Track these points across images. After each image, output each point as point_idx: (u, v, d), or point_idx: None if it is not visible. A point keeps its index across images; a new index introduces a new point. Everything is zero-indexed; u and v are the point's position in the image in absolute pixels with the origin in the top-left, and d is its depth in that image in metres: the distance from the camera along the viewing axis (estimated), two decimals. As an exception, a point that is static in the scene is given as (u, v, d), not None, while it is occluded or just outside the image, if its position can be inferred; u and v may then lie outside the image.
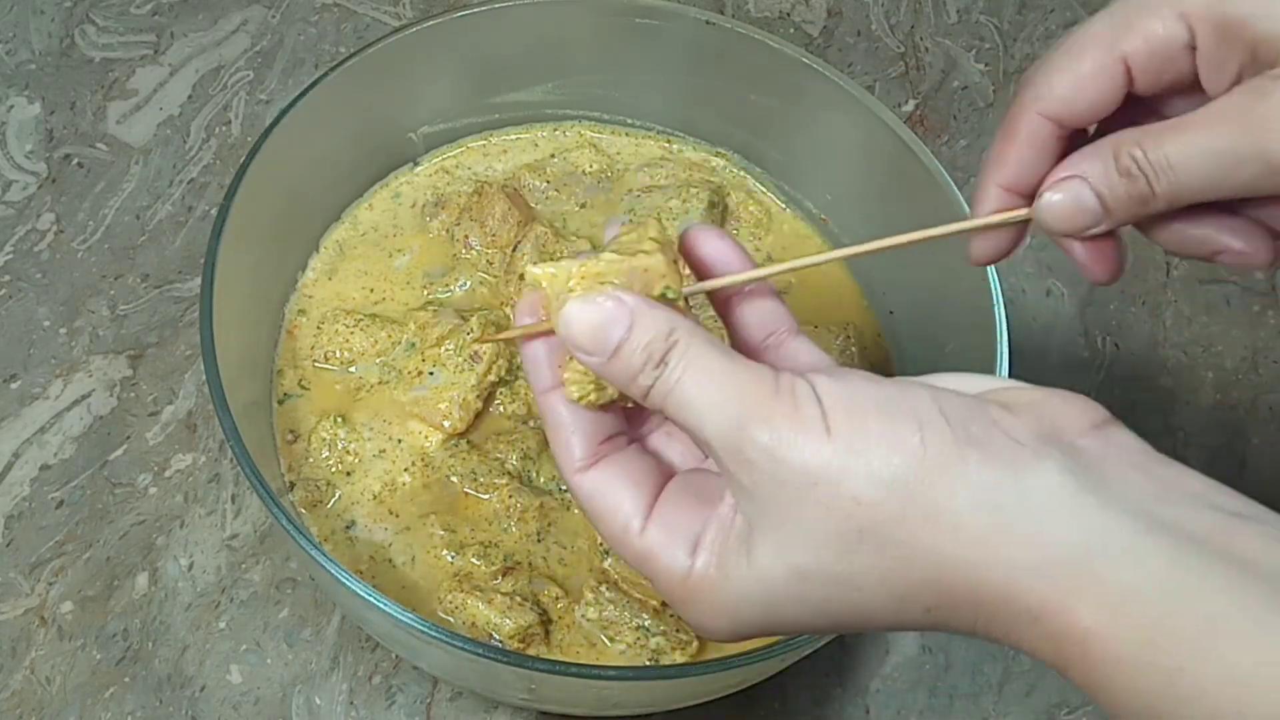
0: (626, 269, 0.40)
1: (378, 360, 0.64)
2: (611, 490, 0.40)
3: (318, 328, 0.65)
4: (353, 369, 0.64)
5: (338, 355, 0.64)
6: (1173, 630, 0.32)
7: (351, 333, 0.64)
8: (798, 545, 0.36)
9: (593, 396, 0.40)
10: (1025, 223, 0.45)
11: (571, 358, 0.40)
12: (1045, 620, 0.34)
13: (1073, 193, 0.43)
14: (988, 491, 0.35)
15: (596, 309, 0.39)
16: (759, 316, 0.44)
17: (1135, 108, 0.43)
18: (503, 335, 0.60)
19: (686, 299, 0.41)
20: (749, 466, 0.36)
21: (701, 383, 0.37)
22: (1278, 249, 0.44)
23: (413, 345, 0.64)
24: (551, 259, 0.68)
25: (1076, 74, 0.43)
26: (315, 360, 0.64)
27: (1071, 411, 0.38)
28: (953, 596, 0.35)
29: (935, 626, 0.37)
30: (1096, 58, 0.42)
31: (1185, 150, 0.41)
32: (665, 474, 0.41)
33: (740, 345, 0.44)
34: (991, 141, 0.45)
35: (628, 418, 0.43)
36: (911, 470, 0.35)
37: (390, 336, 0.64)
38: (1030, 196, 0.45)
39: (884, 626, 0.38)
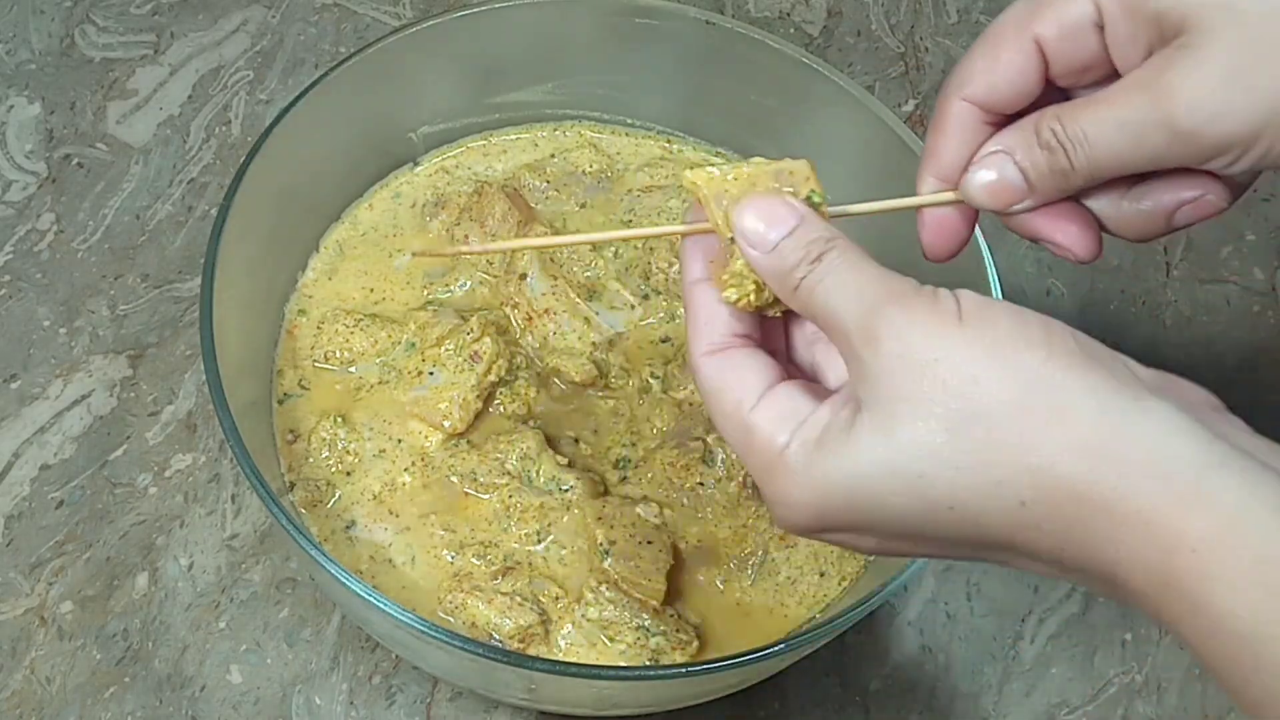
0: (774, 171, 0.43)
1: (378, 360, 0.64)
2: (733, 371, 0.41)
3: (318, 327, 0.65)
4: (353, 369, 0.64)
5: (338, 355, 0.64)
6: None
7: (351, 333, 0.64)
8: (906, 416, 0.36)
9: (752, 297, 0.42)
10: (973, 215, 0.47)
11: (732, 258, 0.42)
12: (1156, 525, 0.33)
13: (996, 167, 0.44)
14: (1106, 401, 0.35)
15: (771, 205, 0.41)
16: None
17: (1058, 98, 0.45)
18: (655, 231, 0.63)
19: (826, 207, 0.43)
20: (876, 344, 0.37)
21: (849, 275, 0.39)
22: (1100, 244, 0.46)
23: (413, 345, 0.64)
24: (552, 259, 0.68)
25: (994, 58, 0.44)
26: (315, 360, 0.64)
27: (1195, 391, 0.38)
28: (1055, 491, 0.35)
29: (1021, 530, 0.36)
30: (1011, 41, 0.44)
31: (1099, 122, 0.42)
32: (787, 376, 0.42)
33: None
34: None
35: (766, 340, 0.44)
36: (1035, 365, 0.36)
37: (390, 336, 0.64)
38: None
39: (967, 521, 0.37)
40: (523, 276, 0.67)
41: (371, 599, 0.49)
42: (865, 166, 0.69)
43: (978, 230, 0.61)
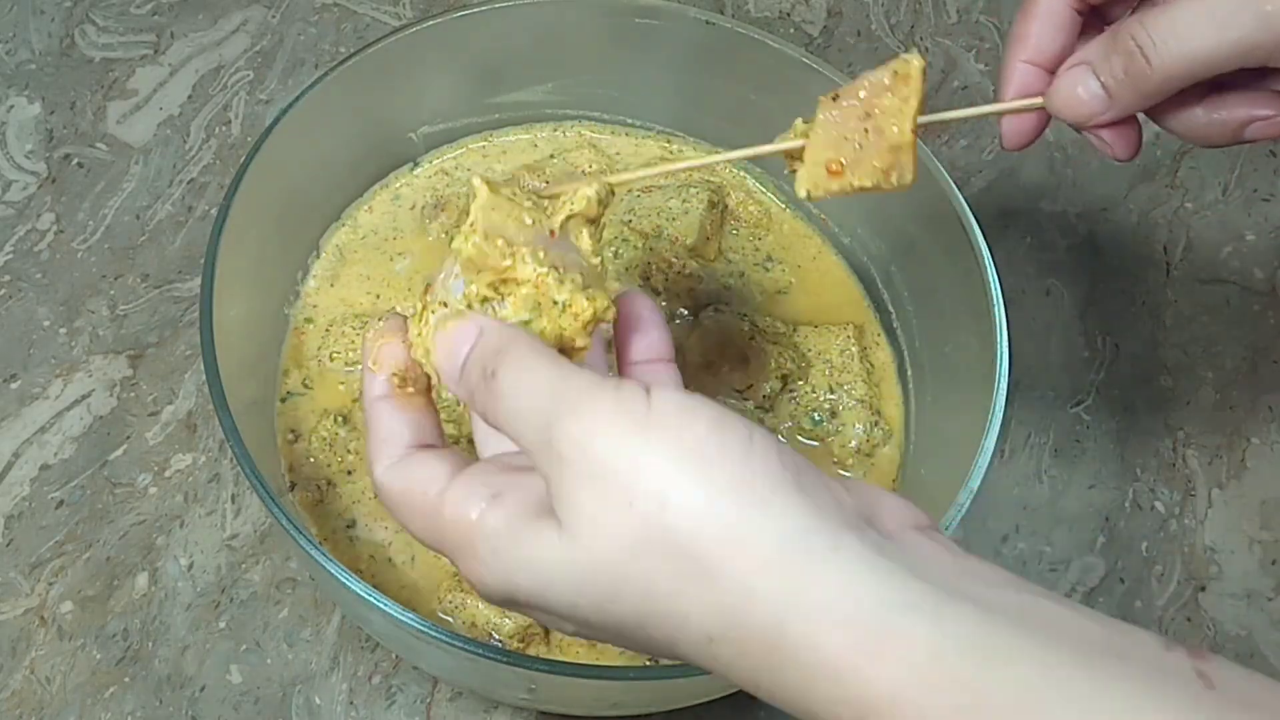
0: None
1: None
2: (418, 469, 0.40)
3: (326, 330, 0.65)
4: (358, 367, 0.64)
5: (343, 355, 0.64)
6: (987, 696, 0.30)
7: (358, 334, 0.64)
8: (593, 539, 0.34)
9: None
10: (1047, 116, 0.48)
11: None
12: (847, 679, 0.31)
13: (1079, 82, 0.46)
14: (800, 535, 0.33)
15: (450, 333, 0.40)
16: (645, 342, 0.44)
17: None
18: (737, 155, 0.58)
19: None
20: (558, 460, 0.35)
21: (524, 384, 0.37)
22: (1139, 145, 0.47)
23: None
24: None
25: None
26: (320, 360, 0.64)
27: (898, 509, 0.37)
28: (742, 631, 0.33)
29: (713, 662, 0.34)
30: None
31: (1179, 17, 0.42)
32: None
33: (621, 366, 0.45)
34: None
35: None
36: (731, 488, 0.33)
37: None
38: (1053, 70, 0.47)
39: (660, 642, 0.35)
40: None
41: (371, 599, 0.49)
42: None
43: (978, 231, 0.61)
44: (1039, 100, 0.48)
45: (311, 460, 0.61)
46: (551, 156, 0.74)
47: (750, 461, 0.33)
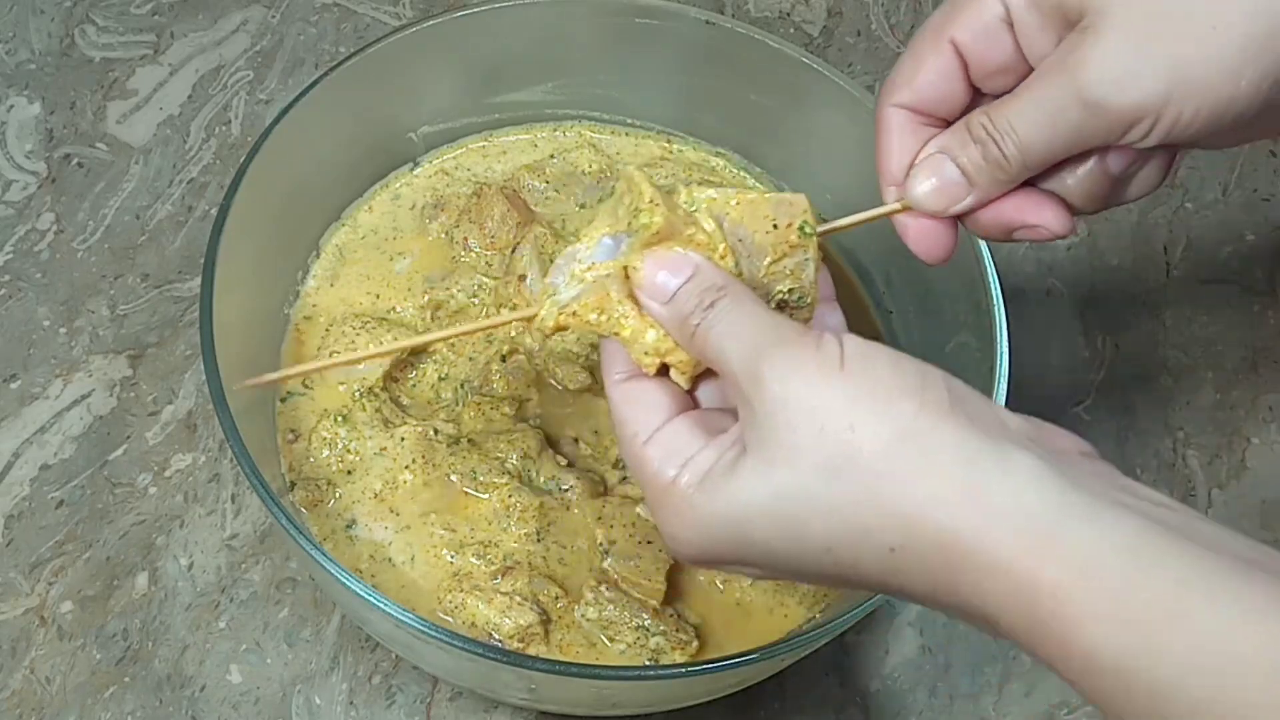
0: (774, 201, 0.45)
1: (382, 362, 0.64)
2: (636, 400, 0.43)
3: (326, 330, 0.65)
4: (359, 368, 0.64)
5: (342, 355, 0.64)
6: (1143, 591, 0.33)
7: (358, 334, 0.64)
8: (785, 462, 0.38)
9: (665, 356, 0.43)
10: (952, 219, 0.48)
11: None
12: (1016, 573, 0.35)
13: (935, 169, 0.47)
14: (972, 452, 0.36)
15: (668, 257, 0.43)
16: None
17: (988, 101, 0.47)
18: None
19: (818, 237, 0.46)
20: (760, 388, 0.38)
21: (739, 322, 0.41)
22: (1074, 219, 0.48)
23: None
24: (551, 260, 0.68)
25: (916, 65, 0.47)
26: (320, 359, 0.64)
27: (1063, 436, 0.40)
28: (921, 539, 0.36)
29: (894, 574, 0.38)
30: (930, 47, 0.47)
31: (1021, 108, 0.44)
32: (689, 406, 0.44)
33: None
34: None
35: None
36: (908, 415, 0.37)
37: (398, 339, 0.64)
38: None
39: (844, 563, 0.38)
40: (522, 278, 0.66)
41: (371, 599, 0.49)
42: (865, 166, 0.68)
43: (978, 230, 0.61)
44: (898, 205, 0.48)
45: (311, 460, 0.61)
46: (551, 156, 0.74)
47: (924, 393, 0.38)
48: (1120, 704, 0.34)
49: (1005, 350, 0.58)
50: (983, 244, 0.61)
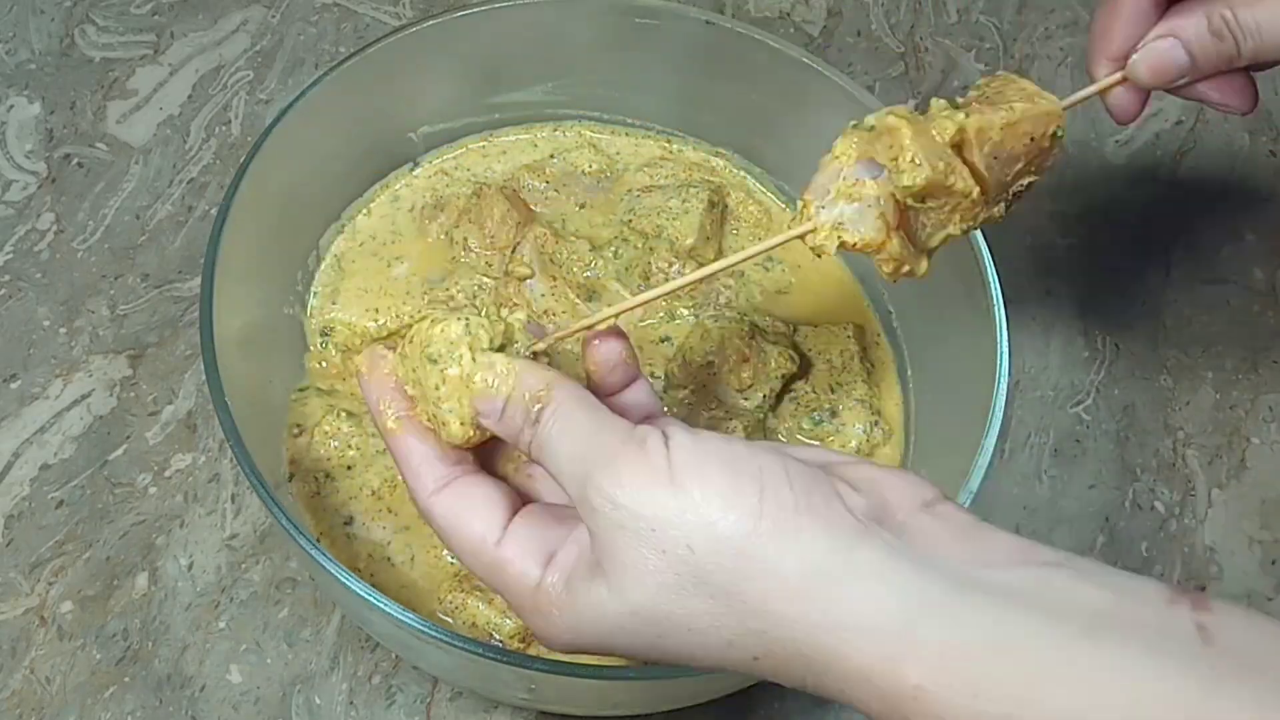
0: (1034, 117, 0.47)
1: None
2: (468, 507, 0.42)
3: (345, 349, 0.65)
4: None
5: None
6: (998, 680, 0.34)
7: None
8: (635, 587, 0.38)
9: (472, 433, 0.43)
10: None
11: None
12: (877, 680, 0.35)
13: (1165, 51, 0.49)
14: (819, 559, 0.36)
15: (486, 374, 0.42)
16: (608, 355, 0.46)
17: None
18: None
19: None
20: (594, 513, 0.38)
21: (564, 436, 0.40)
22: (1256, 95, 0.51)
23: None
24: (551, 260, 0.68)
25: None
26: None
27: (905, 489, 0.40)
28: (781, 650, 0.37)
29: (765, 674, 0.38)
30: None
31: (1273, 13, 0.46)
32: (522, 500, 0.44)
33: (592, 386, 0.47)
34: (1094, 17, 0.51)
35: (485, 457, 0.46)
36: (747, 527, 0.37)
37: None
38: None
39: (712, 664, 0.39)
40: (522, 278, 0.66)
41: (372, 599, 0.49)
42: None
43: (978, 232, 0.61)
44: (1119, 75, 0.51)
45: (313, 454, 0.61)
46: (551, 156, 0.74)
47: (764, 496, 0.37)
48: None
49: (1005, 350, 0.58)
50: (983, 244, 0.61)
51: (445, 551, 0.59)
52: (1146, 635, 0.34)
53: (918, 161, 0.43)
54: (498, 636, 0.56)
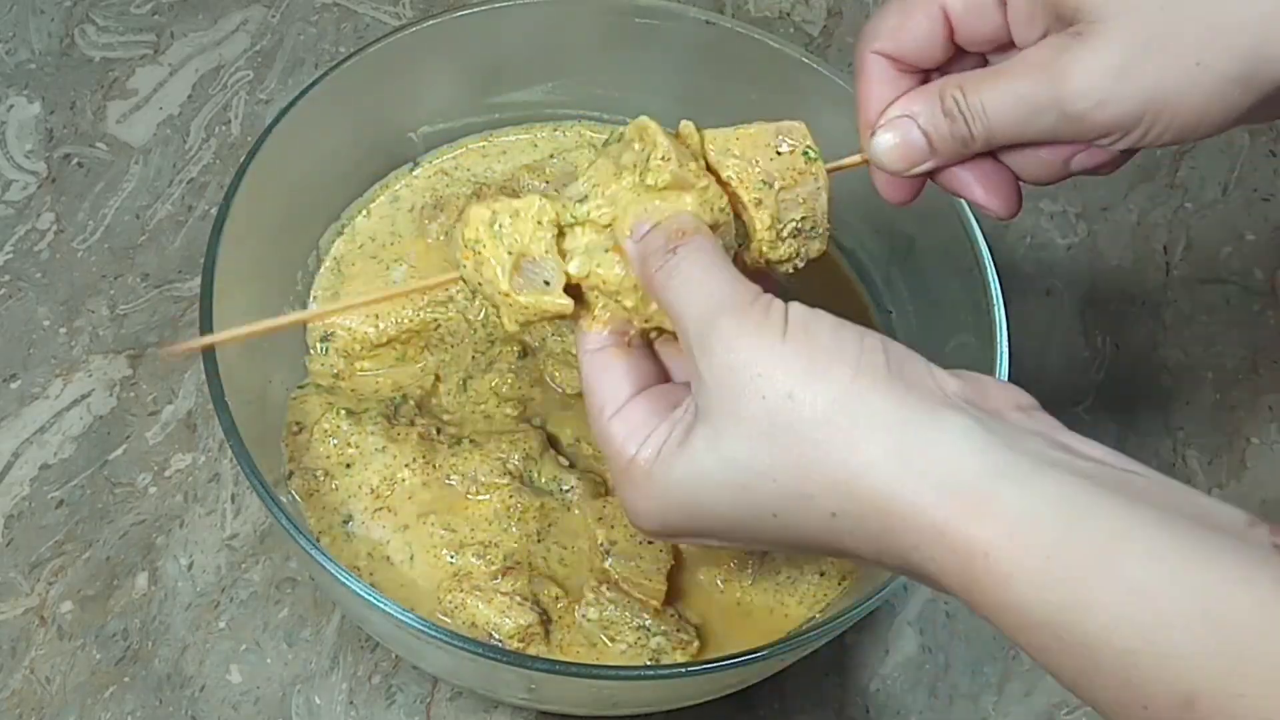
0: (774, 129, 0.47)
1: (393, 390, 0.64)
2: (605, 372, 0.45)
3: (345, 356, 0.65)
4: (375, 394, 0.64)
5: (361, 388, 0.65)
6: (1073, 546, 0.35)
7: (366, 366, 0.65)
8: (730, 431, 0.39)
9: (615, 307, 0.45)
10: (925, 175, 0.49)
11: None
12: (950, 535, 0.36)
13: (901, 130, 0.47)
14: (906, 417, 0.38)
15: (651, 203, 0.44)
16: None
17: (968, 60, 0.48)
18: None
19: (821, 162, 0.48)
20: (709, 353, 0.40)
21: (695, 275, 0.42)
22: (1019, 203, 0.49)
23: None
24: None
25: (904, 17, 0.47)
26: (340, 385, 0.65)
27: (1004, 391, 0.41)
28: (859, 504, 0.38)
29: (838, 538, 0.39)
30: (921, 6, 0.47)
31: (997, 96, 0.45)
32: (660, 379, 0.46)
33: None
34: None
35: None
36: (843, 381, 0.39)
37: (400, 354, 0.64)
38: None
39: (790, 528, 0.40)
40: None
41: (371, 598, 0.49)
42: (865, 167, 0.68)
43: (978, 231, 0.61)
44: (858, 158, 0.49)
45: (312, 451, 0.61)
46: (551, 156, 0.74)
47: (860, 359, 0.39)
48: (1055, 656, 0.36)
49: (1005, 350, 0.58)
50: (983, 244, 0.61)
51: (445, 551, 0.59)
52: (1223, 536, 0.35)
53: (667, 158, 0.44)
54: (497, 636, 0.56)
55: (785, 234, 0.47)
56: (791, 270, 0.48)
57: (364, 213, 0.71)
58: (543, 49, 0.71)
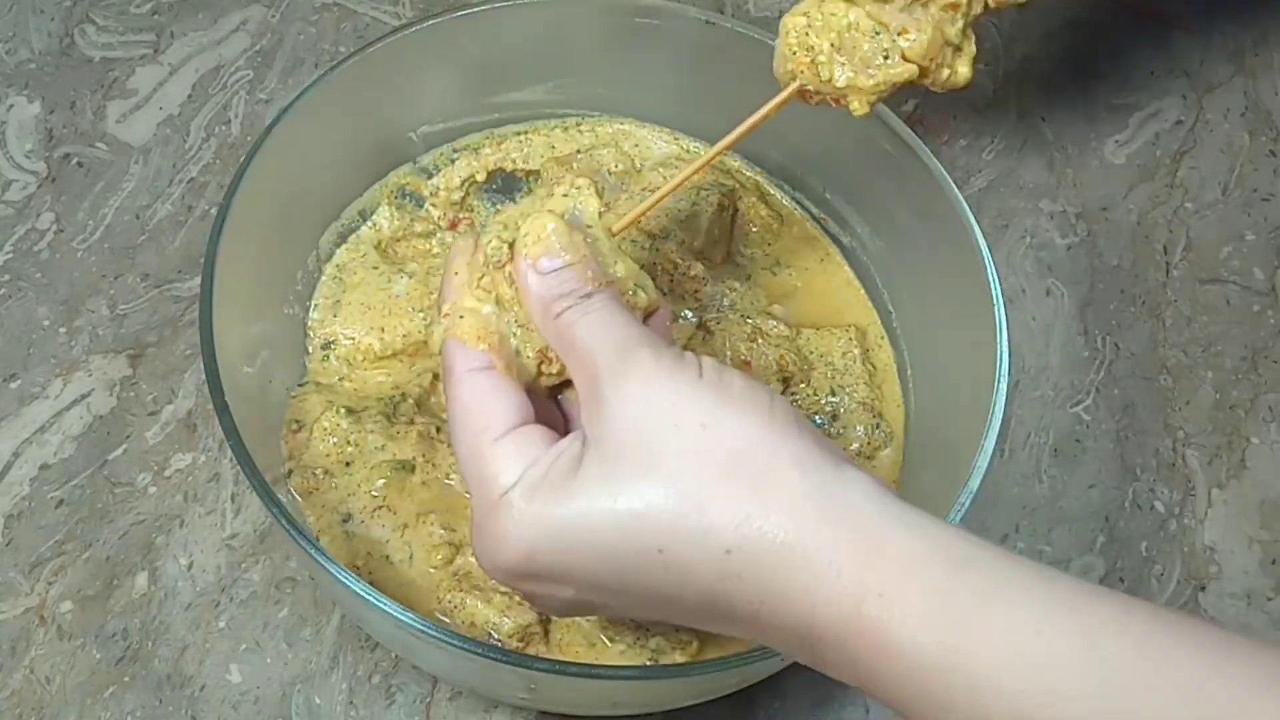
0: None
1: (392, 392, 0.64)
2: (495, 394, 0.45)
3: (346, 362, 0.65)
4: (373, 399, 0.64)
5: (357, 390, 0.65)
6: (960, 590, 0.37)
7: (368, 372, 0.65)
8: (631, 458, 0.40)
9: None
10: None
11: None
12: (847, 577, 0.37)
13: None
14: (814, 465, 0.40)
15: (563, 239, 0.46)
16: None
17: None
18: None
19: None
20: (623, 381, 0.41)
21: (611, 319, 0.44)
22: None
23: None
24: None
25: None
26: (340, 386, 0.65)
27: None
28: (759, 542, 0.38)
29: (723, 581, 0.39)
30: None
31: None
32: (546, 422, 0.45)
33: None
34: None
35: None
36: (758, 425, 0.40)
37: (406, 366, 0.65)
38: None
39: (674, 567, 0.40)
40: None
41: (371, 598, 0.49)
42: (865, 167, 0.69)
43: (978, 231, 0.61)
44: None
45: (311, 450, 0.61)
46: (577, 153, 0.73)
47: (774, 408, 0.41)
48: (939, 707, 0.36)
49: (1005, 350, 0.58)
50: (983, 244, 0.61)
51: (444, 550, 0.59)
52: (1092, 583, 0.38)
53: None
54: (497, 636, 0.56)
55: None
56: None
57: (370, 224, 0.70)
58: (543, 49, 0.71)
